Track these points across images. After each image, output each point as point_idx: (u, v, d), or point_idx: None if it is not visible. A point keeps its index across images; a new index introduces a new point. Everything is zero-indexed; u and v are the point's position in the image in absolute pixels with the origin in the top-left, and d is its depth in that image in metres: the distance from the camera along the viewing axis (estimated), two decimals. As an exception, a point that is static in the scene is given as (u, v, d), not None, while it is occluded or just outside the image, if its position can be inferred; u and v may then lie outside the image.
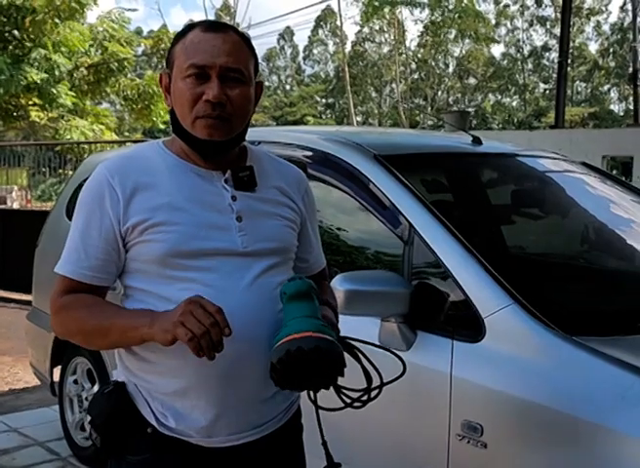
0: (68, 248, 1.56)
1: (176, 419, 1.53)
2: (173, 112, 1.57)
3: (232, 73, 1.51)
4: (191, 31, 1.54)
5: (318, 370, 1.39)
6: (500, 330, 2.03)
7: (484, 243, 2.42)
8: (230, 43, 1.52)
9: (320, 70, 52.02)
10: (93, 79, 18.09)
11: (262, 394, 1.56)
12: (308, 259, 1.77)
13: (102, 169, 1.56)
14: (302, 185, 1.72)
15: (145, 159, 1.59)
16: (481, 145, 2.91)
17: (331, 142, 2.78)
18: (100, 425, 1.56)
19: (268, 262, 1.57)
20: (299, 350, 1.36)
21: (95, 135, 17.10)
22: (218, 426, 1.53)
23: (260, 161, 1.66)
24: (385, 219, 2.44)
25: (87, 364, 3.71)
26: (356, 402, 1.54)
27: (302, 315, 1.43)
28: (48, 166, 14.91)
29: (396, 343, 2.17)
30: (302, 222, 1.70)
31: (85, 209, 1.55)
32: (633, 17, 18.61)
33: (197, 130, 1.52)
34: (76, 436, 3.79)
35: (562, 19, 9.14)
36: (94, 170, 4.32)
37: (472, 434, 1.98)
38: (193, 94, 1.50)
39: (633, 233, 2.80)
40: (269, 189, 1.62)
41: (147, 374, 1.55)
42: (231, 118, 1.52)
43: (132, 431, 1.55)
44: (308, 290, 1.48)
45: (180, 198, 1.52)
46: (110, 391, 1.57)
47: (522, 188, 3.05)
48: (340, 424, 1.64)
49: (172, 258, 1.49)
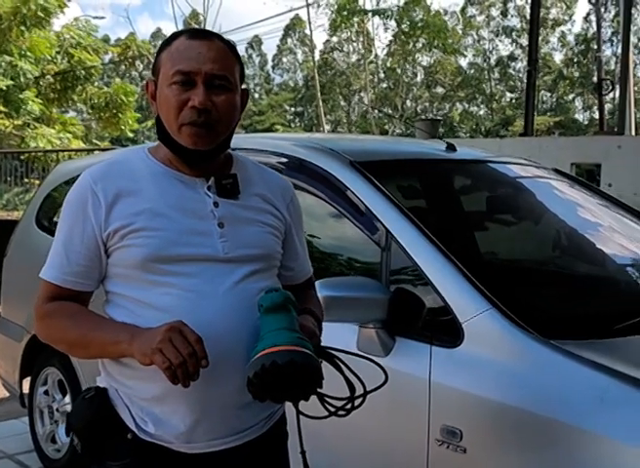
0: (52, 253, 1.57)
1: (155, 425, 1.52)
2: (159, 119, 1.58)
3: (218, 80, 1.51)
4: (177, 39, 1.55)
5: (294, 382, 1.40)
6: (479, 334, 2.04)
7: (460, 248, 2.44)
8: (216, 50, 1.53)
9: (289, 79, 52.13)
10: (59, 87, 17.93)
11: (243, 399, 1.54)
12: (293, 267, 1.76)
13: (86, 175, 1.57)
14: (288, 194, 1.72)
15: (129, 165, 1.59)
16: (455, 152, 2.93)
17: (306, 149, 2.78)
18: (81, 430, 1.56)
19: (250, 269, 1.57)
20: (273, 364, 1.36)
21: (62, 143, 16.92)
22: (197, 432, 1.52)
23: (245, 169, 1.66)
24: (362, 226, 2.45)
25: (58, 374, 3.65)
26: (340, 410, 1.54)
27: (278, 328, 1.44)
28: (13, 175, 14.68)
29: (375, 349, 2.17)
30: (287, 230, 1.70)
31: (68, 215, 1.57)
32: (598, 27, 18.96)
33: (183, 137, 1.52)
34: (47, 448, 3.71)
35: (530, 29, 9.27)
36: (63, 178, 4.25)
37: (451, 439, 1.99)
38: (179, 100, 1.50)
39: (606, 238, 2.84)
40: (252, 197, 1.62)
41: (128, 379, 1.55)
42: (217, 125, 1.52)
43: (112, 436, 1.55)
44: (284, 302, 1.48)
45: (162, 204, 1.53)
46: (92, 397, 1.58)
47: (497, 194, 3.08)
48: (321, 431, 1.64)
49: (152, 263, 1.50)
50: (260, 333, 1.45)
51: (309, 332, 1.54)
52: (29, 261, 3.99)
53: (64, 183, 4.19)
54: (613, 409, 1.77)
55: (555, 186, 3.09)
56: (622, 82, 9.08)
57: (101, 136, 27.62)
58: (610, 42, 34.69)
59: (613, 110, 27.74)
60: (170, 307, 1.48)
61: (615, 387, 1.80)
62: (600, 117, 14.16)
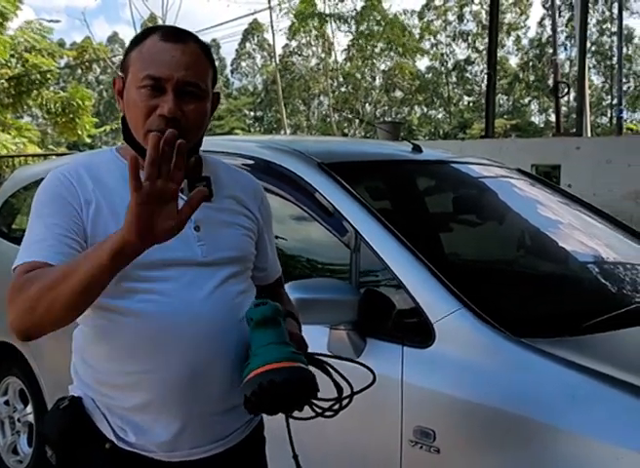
0: (29, 242, 1.41)
1: (135, 434, 1.48)
2: (125, 119, 1.52)
3: (189, 87, 1.46)
4: (149, 37, 1.49)
5: (292, 397, 1.42)
6: (450, 334, 2.04)
7: (429, 249, 2.44)
8: (189, 55, 1.47)
9: (248, 83, 52.03)
10: (14, 91, 17.60)
11: (225, 405, 1.53)
12: (266, 268, 1.75)
13: (58, 171, 1.50)
14: (259, 194, 1.71)
15: (99, 166, 1.54)
16: (421, 153, 2.95)
17: (271, 150, 2.76)
18: (55, 442, 1.51)
19: (228, 272, 1.55)
20: (271, 383, 1.37)
21: (17, 148, 16.60)
22: (180, 440, 1.49)
23: (216, 170, 1.63)
24: (331, 227, 2.43)
25: (19, 384, 3.57)
26: (327, 411, 1.54)
27: (271, 342, 1.43)
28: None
29: (346, 351, 2.16)
30: (260, 231, 1.68)
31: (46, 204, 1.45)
32: (553, 31, 19.30)
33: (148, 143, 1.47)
34: (8, 460, 3.62)
35: (489, 33, 9.40)
36: (22, 183, 4.15)
37: (425, 440, 1.98)
38: (147, 106, 1.45)
39: (571, 237, 2.88)
40: (226, 199, 1.60)
41: (106, 388, 1.50)
42: (185, 134, 1.44)
43: (89, 446, 1.50)
44: (274, 314, 1.48)
45: None
46: (66, 406, 1.52)
47: (464, 194, 3.10)
48: (296, 433, 1.62)
49: (130, 270, 1.40)
50: (252, 349, 1.44)
51: (298, 340, 1.54)
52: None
53: (23, 189, 4.11)
54: (584, 407, 1.79)
55: (520, 186, 3.13)
56: (580, 84, 9.25)
57: (58, 142, 27.21)
58: (563, 46, 35.41)
59: (567, 113, 28.29)
60: (150, 313, 1.44)
61: (586, 384, 1.81)
62: (557, 119, 14.42)
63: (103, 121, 31.61)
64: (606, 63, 38.55)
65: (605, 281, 2.69)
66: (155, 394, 1.46)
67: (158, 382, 1.45)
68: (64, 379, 1.68)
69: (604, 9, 36.02)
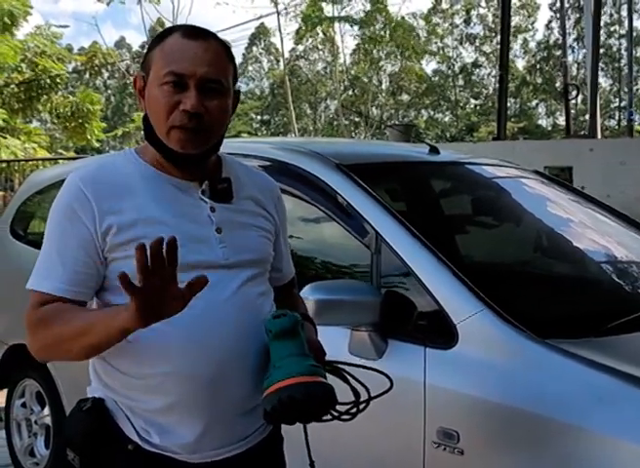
0: (43, 262, 1.49)
1: (159, 435, 1.48)
2: (146, 118, 1.52)
3: (211, 84, 1.47)
4: (171, 36, 1.50)
5: (311, 411, 1.43)
6: (473, 335, 2.04)
7: (450, 250, 2.44)
8: (211, 52, 1.48)
9: (255, 87, 52.09)
10: (24, 96, 17.66)
11: (247, 406, 1.53)
12: (281, 268, 1.75)
13: (75, 179, 1.50)
14: (275, 194, 1.71)
15: (119, 169, 1.53)
16: (439, 155, 2.94)
17: (289, 152, 2.76)
18: (78, 444, 1.50)
19: (248, 273, 1.55)
20: (290, 399, 1.38)
21: (26, 154, 16.64)
22: (203, 441, 1.49)
23: (235, 171, 1.63)
24: (351, 229, 2.43)
25: (36, 386, 3.57)
26: (344, 415, 1.54)
27: (290, 354, 1.44)
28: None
29: (367, 352, 2.16)
30: (276, 232, 1.68)
31: (58, 221, 1.49)
32: (563, 33, 19.26)
33: (171, 141, 1.48)
34: (25, 462, 3.63)
35: (501, 33, 9.39)
36: (36, 187, 4.17)
37: (448, 441, 1.98)
38: (170, 102, 1.46)
39: (594, 238, 2.87)
40: (245, 200, 1.60)
41: (130, 391, 1.49)
42: (207, 129, 1.48)
43: (112, 448, 1.49)
44: (293, 326, 1.48)
45: (159, 211, 1.48)
46: (89, 408, 1.51)
47: (483, 196, 3.09)
48: (315, 436, 1.62)
49: None
50: (272, 361, 1.45)
51: (316, 348, 1.55)
52: (4, 271, 3.91)
53: (37, 193, 4.14)
54: (611, 407, 1.78)
55: (538, 187, 3.12)
56: (592, 85, 9.22)
57: (66, 147, 27.32)
58: (571, 48, 35.31)
59: (575, 116, 28.22)
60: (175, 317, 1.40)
61: (612, 385, 1.81)
62: (567, 122, 14.38)
63: (112, 126, 31.71)
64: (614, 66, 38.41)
65: (626, 282, 2.69)
66: (180, 396, 1.46)
67: (183, 384, 1.45)
68: (82, 382, 1.69)
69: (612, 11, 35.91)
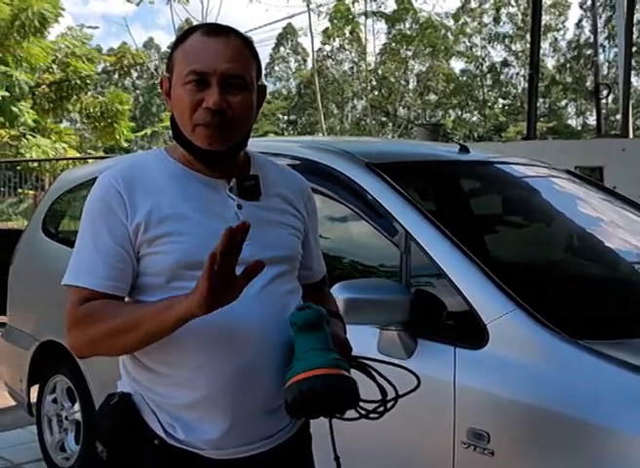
0: (80, 258, 1.50)
1: (185, 431, 1.49)
2: (174, 118, 1.54)
3: (233, 80, 1.47)
4: (192, 35, 1.51)
5: (332, 404, 1.41)
6: (504, 335, 2.02)
7: (481, 249, 2.42)
8: (232, 48, 1.48)
9: (282, 87, 52.20)
10: (55, 96, 17.89)
11: (272, 404, 1.53)
12: (311, 267, 1.75)
13: (107, 177, 1.52)
14: (305, 193, 1.70)
15: (148, 167, 1.55)
16: (469, 154, 2.92)
17: (319, 151, 2.76)
18: (106, 437, 1.52)
19: (276, 271, 1.54)
20: (311, 390, 1.37)
21: (56, 153, 16.86)
22: (228, 438, 1.49)
23: (264, 168, 1.63)
24: (381, 228, 2.42)
25: (67, 382, 3.61)
26: (371, 414, 1.53)
27: (314, 348, 1.43)
28: (7, 185, 14.64)
29: (396, 351, 2.15)
30: (306, 230, 1.68)
31: (94, 216, 1.50)
32: (594, 32, 18.99)
33: (197, 138, 1.49)
34: (56, 457, 3.67)
35: (532, 32, 9.28)
36: (67, 185, 4.23)
37: (478, 441, 1.96)
38: (193, 100, 1.46)
39: (627, 239, 2.83)
40: (273, 197, 1.60)
41: (157, 386, 1.51)
42: (232, 125, 1.49)
43: (139, 442, 1.51)
44: (318, 319, 1.47)
45: (187, 208, 1.49)
46: (116, 402, 1.53)
47: (513, 195, 3.06)
48: (344, 433, 1.61)
49: (181, 270, 1.46)
50: (295, 353, 1.44)
51: (342, 343, 1.54)
52: (37, 269, 3.97)
53: (68, 192, 4.19)
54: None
55: (571, 187, 3.09)
56: (625, 84, 9.09)
57: (95, 146, 27.61)
58: (602, 47, 34.87)
59: (606, 115, 27.87)
60: None
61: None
62: (597, 121, 14.20)
63: (140, 125, 32.00)
64: (645, 65, 37.84)
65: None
66: (205, 392, 1.46)
67: (208, 380, 1.46)
68: (112, 378, 1.70)
69: (643, 9, 35.39)
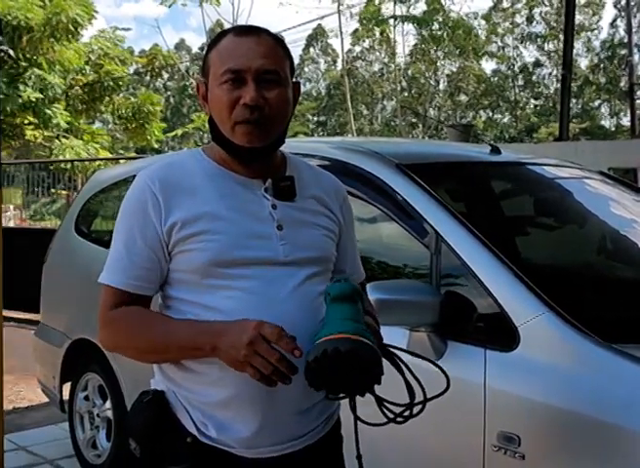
0: (113, 257, 1.54)
1: (217, 429, 1.50)
2: (212, 120, 1.55)
3: (268, 75, 1.48)
4: (225, 37, 1.53)
5: (354, 372, 1.36)
6: (535, 338, 2.00)
7: (511, 251, 2.40)
8: (265, 45, 1.50)
9: (311, 88, 52.27)
10: (87, 98, 18.09)
11: (304, 404, 1.53)
12: (345, 270, 1.73)
13: (143, 177, 1.54)
14: (340, 194, 1.70)
15: (185, 167, 1.57)
16: (500, 155, 2.90)
17: (348, 152, 2.76)
18: (139, 434, 1.53)
19: (308, 272, 1.55)
20: (335, 351, 1.33)
21: (89, 154, 17.05)
22: (260, 437, 1.50)
23: (299, 170, 1.64)
24: (411, 229, 2.41)
25: (98, 380, 3.66)
26: (398, 417, 1.50)
27: (344, 317, 1.40)
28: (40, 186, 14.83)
29: (426, 353, 2.12)
30: (340, 232, 1.67)
31: (128, 217, 1.54)
32: (629, 31, 18.74)
33: (237, 136, 1.50)
34: (87, 453, 3.72)
35: (565, 32, 9.18)
36: (99, 185, 4.28)
37: (509, 445, 1.95)
38: (230, 99, 1.48)
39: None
40: (308, 199, 1.60)
41: (190, 384, 1.52)
42: (270, 120, 1.50)
43: (172, 440, 1.52)
44: (352, 293, 1.45)
45: (222, 207, 1.51)
46: (150, 400, 1.54)
47: (545, 197, 3.03)
48: (373, 436, 1.60)
49: (214, 268, 1.48)
50: (325, 320, 1.42)
51: (374, 332, 1.51)
52: (69, 267, 4.02)
53: (99, 192, 4.23)
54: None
55: (604, 189, 3.05)
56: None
57: (127, 147, 27.90)
58: (637, 47, 34.32)
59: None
60: (234, 311, 1.45)
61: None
62: (632, 122, 14.00)
63: (171, 126, 32.26)
64: (681, 65, 37.18)
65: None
66: (237, 390, 1.47)
67: (240, 379, 1.45)
68: (143, 376, 1.73)
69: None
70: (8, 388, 5.51)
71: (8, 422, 4.56)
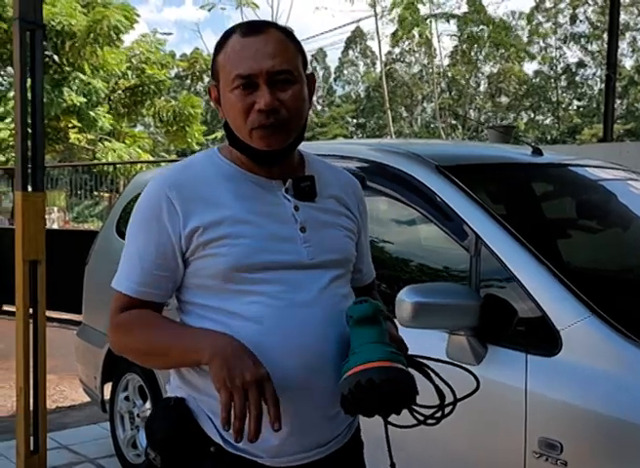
0: (125, 262, 1.50)
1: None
2: (227, 124, 1.51)
3: (280, 75, 1.42)
4: (231, 37, 1.46)
5: (390, 399, 1.35)
6: (578, 343, 1.96)
7: (554, 254, 2.35)
8: (273, 43, 1.43)
9: (351, 91, 52.24)
10: (129, 101, 18.40)
11: (329, 411, 1.48)
12: (362, 269, 1.71)
13: (158, 181, 1.48)
14: (358, 193, 1.66)
15: (202, 169, 1.52)
16: (542, 156, 2.85)
17: (387, 153, 2.74)
18: (160, 444, 1.46)
19: (333, 274, 1.51)
20: (369, 382, 1.31)
21: (130, 157, 17.33)
22: (286, 445, 1.45)
23: (318, 169, 1.59)
24: (450, 231, 2.38)
25: (139, 380, 3.69)
26: (429, 419, 1.47)
27: (370, 341, 1.38)
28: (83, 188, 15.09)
29: (466, 357, 2.11)
30: (358, 231, 1.64)
31: (141, 223, 1.48)
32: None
33: (255, 141, 1.45)
34: (128, 453, 3.76)
35: (609, 32, 8.98)
36: (140, 187, 4.32)
37: (551, 451, 1.91)
38: (244, 105, 1.42)
39: None
40: (328, 199, 1.56)
41: (214, 390, 1.42)
42: (288, 122, 1.44)
43: (194, 449, 1.46)
44: (375, 313, 1.42)
45: (243, 210, 1.45)
46: (171, 407, 1.48)
47: (588, 198, 2.97)
48: (405, 442, 1.57)
49: (237, 273, 1.43)
50: (352, 347, 1.39)
51: (398, 341, 1.50)
52: (110, 268, 4.05)
53: (140, 194, 4.28)
54: None
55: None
56: None
57: (168, 150, 28.21)
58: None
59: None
60: (259, 316, 1.42)
61: None
62: (678, 123, 13.67)
63: (211, 129, 32.57)
64: None
65: None
66: None
67: None
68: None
69: None
70: (51, 387, 5.62)
71: (51, 421, 4.64)
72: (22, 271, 3.40)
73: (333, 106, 52.03)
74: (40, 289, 3.49)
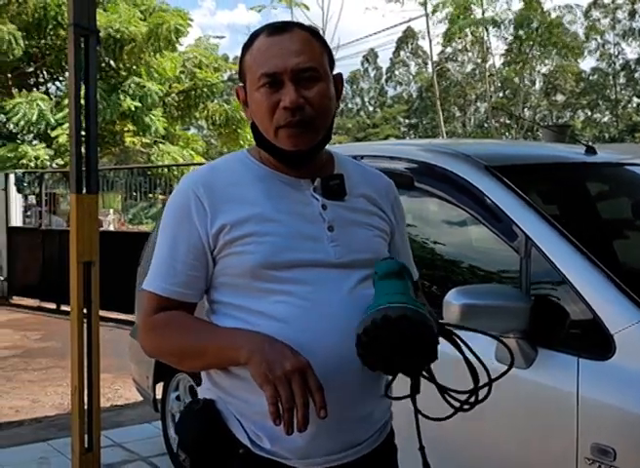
0: (156, 263, 1.50)
1: (271, 440, 1.43)
2: (254, 125, 1.51)
3: (305, 73, 1.41)
4: (257, 38, 1.47)
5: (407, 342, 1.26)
6: (632, 346, 1.90)
7: (607, 256, 2.29)
8: (297, 41, 1.43)
9: (402, 91, 52.04)
10: (183, 105, 18.69)
11: (357, 412, 1.46)
12: None
13: (188, 181, 1.50)
14: (391, 194, 1.63)
15: (231, 169, 1.52)
16: (596, 155, 2.78)
17: (436, 154, 2.71)
18: (189, 446, 1.46)
19: (362, 274, 1.48)
20: (385, 318, 1.25)
21: (184, 159, 17.60)
22: (315, 447, 1.43)
23: (347, 168, 1.57)
24: (500, 232, 2.34)
25: (189, 380, 3.73)
26: (465, 404, 1.37)
27: (393, 292, 1.33)
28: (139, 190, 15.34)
29: (516, 360, 2.06)
30: (392, 232, 1.61)
31: (171, 223, 1.49)
32: None
33: (281, 141, 1.44)
34: (178, 451, 3.80)
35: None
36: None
37: (603, 458, 1.86)
38: (270, 103, 1.42)
39: None
40: (358, 198, 1.54)
41: (241, 392, 1.44)
42: (314, 120, 1.43)
43: (223, 451, 1.45)
44: (400, 269, 1.38)
45: (270, 208, 1.45)
46: (200, 409, 1.48)
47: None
48: (448, 446, 1.54)
49: (264, 270, 1.42)
50: (374, 298, 1.34)
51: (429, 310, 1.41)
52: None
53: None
54: None
55: None
56: None
57: (221, 152, 28.57)
58: None
59: None
60: (285, 316, 1.40)
61: None
62: None
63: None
64: None
65: None
66: None
67: None
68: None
69: None
70: (106, 386, 5.74)
71: (105, 419, 4.75)
72: (77, 272, 3.47)
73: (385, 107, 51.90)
74: (94, 289, 3.56)
